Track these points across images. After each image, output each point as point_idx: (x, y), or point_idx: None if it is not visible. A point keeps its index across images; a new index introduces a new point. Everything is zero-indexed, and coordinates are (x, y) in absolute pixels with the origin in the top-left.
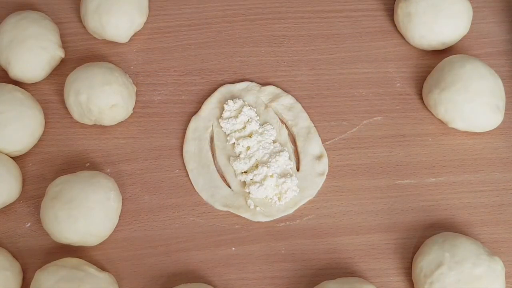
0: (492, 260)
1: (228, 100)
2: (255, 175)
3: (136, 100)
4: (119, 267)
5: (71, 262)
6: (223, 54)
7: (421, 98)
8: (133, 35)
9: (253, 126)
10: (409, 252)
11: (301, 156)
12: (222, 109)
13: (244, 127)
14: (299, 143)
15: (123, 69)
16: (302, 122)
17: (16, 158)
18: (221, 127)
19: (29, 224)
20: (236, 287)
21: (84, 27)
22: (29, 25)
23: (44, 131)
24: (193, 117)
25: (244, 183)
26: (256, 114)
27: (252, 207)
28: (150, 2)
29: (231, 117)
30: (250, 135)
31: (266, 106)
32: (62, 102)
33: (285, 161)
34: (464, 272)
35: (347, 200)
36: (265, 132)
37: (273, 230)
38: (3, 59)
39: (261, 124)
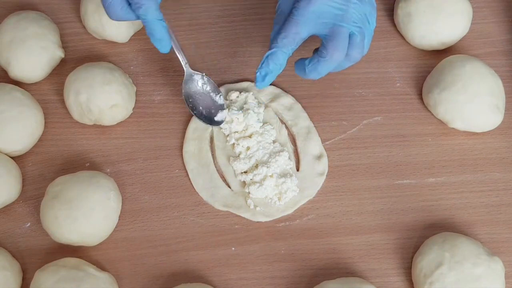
0: (492, 260)
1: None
2: (255, 175)
3: (136, 100)
4: (119, 267)
5: (71, 262)
6: (223, 54)
7: (421, 98)
8: (133, 35)
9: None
10: (409, 252)
11: (301, 156)
12: None
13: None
14: (299, 143)
15: (123, 69)
16: (302, 122)
17: (16, 158)
18: (221, 128)
19: (29, 224)
20: (236, 287)
21: (84, 27)
22: (29, 25)
23: (44, 131)
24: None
25: (244, 183)
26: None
27: (252, 207)
28: None
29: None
30: (250, 136)
31: (266, 106)
32: (62, 102)
33: (285, 161)
34: (464, 272)
35: (347, 200)
36: (265, 132)
37: (273, 230)
38: (3, 59)
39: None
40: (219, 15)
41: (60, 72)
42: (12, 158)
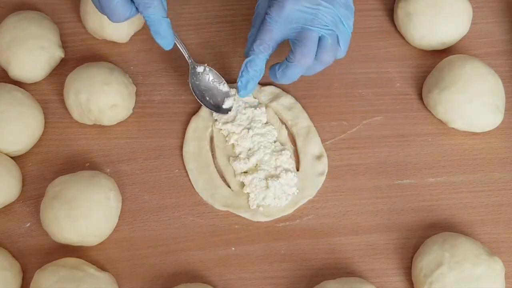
0: (492, 260)
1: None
2: (254, 178)
3: (136, 100)
4: (119, 267)
5: (71, 262)
6: (223, 54)
7: (421, 98)
8: (133, 35)
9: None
10: (409, 252)
11: (301, 156)
12: None
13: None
14: (299, 143)
15: (123, 69)
16: (302, 122)
17: (16, 158)
18: (221, 129)
19: (29, 224)
20: (236, 287)
21: (84, 27)
22: (29, 25)
23: (44, 131)
24: (193, 117)
25: (243, 184)
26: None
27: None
28: None
29: (227, 122)
30: (251, 136)
31: (266, 106)
32: (62, 102)
33: (287, 159)
34: (464, 272)
35: (347, 200)
36: (267, 132)
37: (273, 230)
38: (3, 59)
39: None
40: (219, 15)
41: (60, 72)
42: (12, 158)
